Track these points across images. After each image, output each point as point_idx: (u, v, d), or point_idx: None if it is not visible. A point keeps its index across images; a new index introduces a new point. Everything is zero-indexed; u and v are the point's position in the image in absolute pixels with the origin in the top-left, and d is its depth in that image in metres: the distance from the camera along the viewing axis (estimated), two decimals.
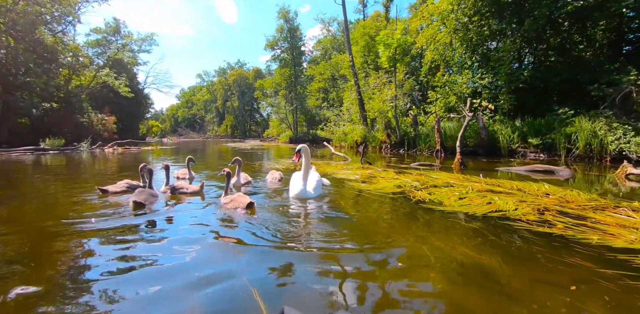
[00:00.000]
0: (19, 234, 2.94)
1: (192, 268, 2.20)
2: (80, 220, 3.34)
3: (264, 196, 4.85)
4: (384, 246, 2.61)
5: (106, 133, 34.85)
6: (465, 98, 16.35)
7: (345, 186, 5.38)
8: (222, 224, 3.29)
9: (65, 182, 6.15)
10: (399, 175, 6.06)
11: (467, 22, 16.20)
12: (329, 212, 3.74)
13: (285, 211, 3.88)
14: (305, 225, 3.25)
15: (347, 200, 4.35)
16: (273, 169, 6.41)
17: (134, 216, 3.55)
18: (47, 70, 24.05)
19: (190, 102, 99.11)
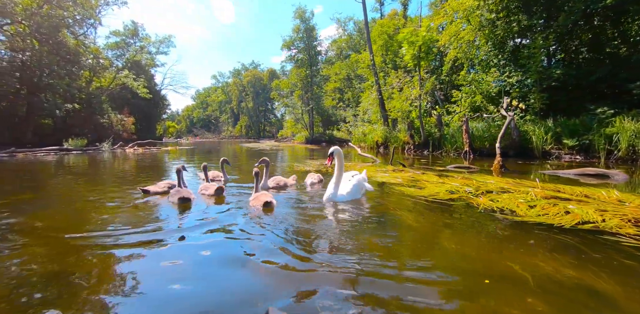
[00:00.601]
0: (48, 246, 2.69)
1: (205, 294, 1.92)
2: (114, 230, 3.10)
3: (298, 199, 4.63)
4: (460, 265, 2.26)
5: (125, 133, 35.37)
6: (492, 97, 15.79)
7: (392, 191, 5.02)
8: (240, 232, 3.03)
9: (97, 184, 6.00)
10: (443, 178, 5.67)
11: (494, 18, 15.58)
12: (374, 220, 3.42)
13: (318, 216, 3.62)
14: (346, 236, 2.92)
15: (399, 207, 3.98)
16: (312, 172, 6.11)
17: (155, 225, 3.30)
18: (70, 72, 24.48)
19: (205, 103, 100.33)
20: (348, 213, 3.76)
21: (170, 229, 3.13)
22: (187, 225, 3.29)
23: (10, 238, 2.85)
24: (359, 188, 4.75)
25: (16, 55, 21.51)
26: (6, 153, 14.09)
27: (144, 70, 43.96)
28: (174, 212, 3.88)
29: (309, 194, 5.02)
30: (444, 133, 14.69)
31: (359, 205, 4.21)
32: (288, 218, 3.49)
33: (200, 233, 2.99)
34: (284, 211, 3.88)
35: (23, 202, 4.37)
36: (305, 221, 3.41)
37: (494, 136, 13.24)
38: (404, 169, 7.30)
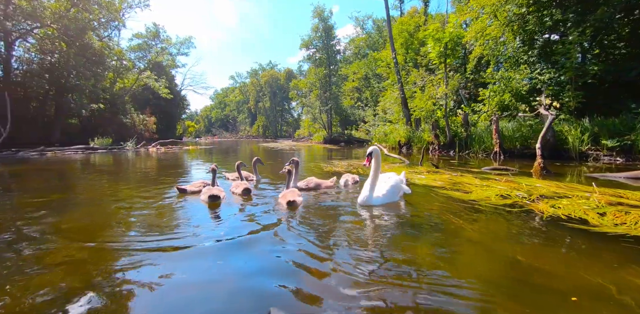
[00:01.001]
0: (86, 252, 2.55)
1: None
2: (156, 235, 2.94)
3: (332, 200, 4.45)
4: (537, 281, 1.97)
5: (147, 133, 36.12)
6: (522, 96, 15.11)
7: (435, 194, 4.71)
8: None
9: (127, 183, 5.96)
10: (485, 181, 5.32)
11: (524, 12, 14.90)
12: (423, 226, 3.14)
13: (355, 221, 3.39)
14: (392, 244, 2.67)
15: (447, 212, 3.68)
16: (347, 172, 5.87)
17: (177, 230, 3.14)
18: (95, 73, 25.12)
19: (223, 103, 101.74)
20: (388, 218, 3.53)
21: (197, 232, 2.99)
22: (214, 227, 3.18)
23: (46, 239, 2.74)
24: (397, 190, 4.49)
25: (45, 58, 22.22)
26: (36, 152, 14.52)
27: (165, 71, 44.82)
28: (201, 212, 3.85)
29: (344, 195, 4.79)
30: (471, 133, 14.16)
31: (399, 209, 3.96)
32: (320, 222, 3.31)
33: (226, 237, 2.86)
34: (316, 212, 3.71)
35: (59, 202, 4.32)
36: (342, 226, 3.20)
37: (526, 136, 12.67)
38: (439, 171, 6.96)
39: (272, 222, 3.31)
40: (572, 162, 10.51)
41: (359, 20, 41.90)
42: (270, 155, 15.88)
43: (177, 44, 44.03)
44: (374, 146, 4.26)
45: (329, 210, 3.86)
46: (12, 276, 2.08)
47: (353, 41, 45.24)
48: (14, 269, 2.18)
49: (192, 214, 3.72)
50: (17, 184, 6.15)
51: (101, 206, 4.04)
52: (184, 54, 45.70)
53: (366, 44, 40.55)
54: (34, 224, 3.18)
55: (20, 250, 2.53)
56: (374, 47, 39.84)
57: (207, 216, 3.68)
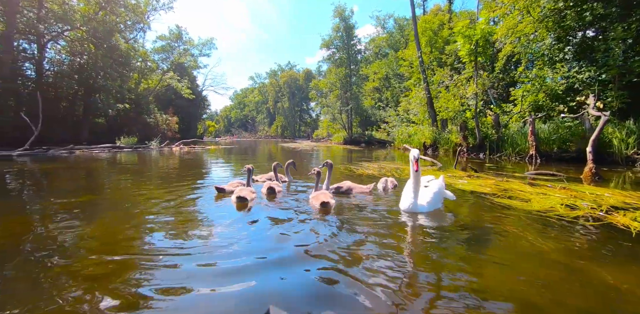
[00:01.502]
0: (111, 266, 2.32)
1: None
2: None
3: (370, 206, 4.13)
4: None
5: (169, 132, 36.80)
6: (558, 95, 14.28)
7: (485, 202, 4.29)
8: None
9: (155, 182, 5.83)
10: (538, 188, 4.86)
11: (561, 7, 14.08)
12: (484, 240, 2.77)
13: (403, 230, 3.03)
14: (449, 259, 2.32)
15: (507, 224, 3.28)
16: (385, 176, 5.53)
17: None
18: (122, 74, 25.70)
19: (242, 103, 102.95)
20: (437, 229, 3.18)
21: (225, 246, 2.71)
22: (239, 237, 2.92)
23: (71, 250, 2.55)
24: (441, 197, 4.17)
25: (75, 59, 22.88)
26: (65, 150, 14.88)
27: (187, 72, 45.61)
28: (228, 217, 3.65)
29: (385, 201, 4.46)
30: (503, 135, 13.49)
31: (447, 218, 3.62)
32: (359, 233, 3.01)
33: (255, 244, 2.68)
34: (354, 220, 3.43)
35: (86, 205, 4.19)
36: (385, 238, 2.87)
37: (564, 138, 11.93)
38: (480, 175, 6.51)
39: (304, 231, 3.05)
40: (618, 167, 9.75)
41: (380, 19, 41.28)
42: (294, 156, 15.68)
43: (199, 45, 44.73)
44: (416, 150, 3.94)
45: (368, 218, 3.57)
46: (31, 290, 1.88)
47: (373, 41, 44.60)
48: (35, 282, 1.98)
49: (220, 221, 3.46)
50: (47, 184, 6.14)
51: (128, 212, 3.83)
52: (205, 55, 46.39)
53: (387, 44, 39.85)
54: (60, 232, 2.99)
55: (45, 261, 2.34)
56: (395, 46, 39.08)
57: (233, 222, 3.42)
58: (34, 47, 21.68)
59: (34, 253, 2.45)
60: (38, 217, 3.55)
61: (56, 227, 3.10)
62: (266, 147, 25.93)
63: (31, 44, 21.82)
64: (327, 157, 15.20)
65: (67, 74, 22.19)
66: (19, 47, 21.02)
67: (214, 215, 3.69)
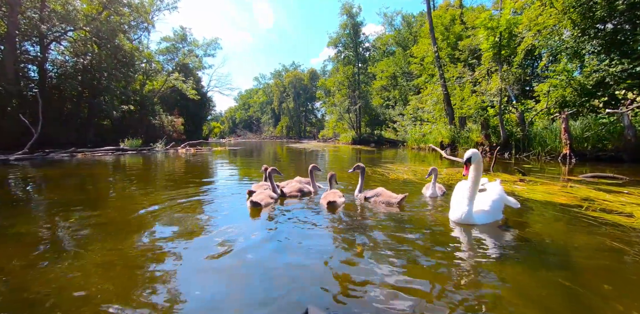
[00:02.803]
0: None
1: None
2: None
3: (416, 216, 3.40)
4: None
5: (175, 134, 36.35)
6: (588, 90, 13.39)
7: (565, 215, 3.52)
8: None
9: (163, 193, 5.12)
10: (622, 196, 4.07)
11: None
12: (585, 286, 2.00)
13: (449, 252, 2.29)
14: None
15: (611, 250, 2.52)
16: (428, 183, 4.78)
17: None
18: (126, 75, 25.20)
19: (247, 104, 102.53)
20: (507, 250, 2.45)
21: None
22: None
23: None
24: (502, 205, 3.45)
25: (78, 60, 22.40)
26: (67, 153, 14.28)
27: (192, 73, 45.15)
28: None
29: (432, 210, 3.77)
30: (529, 133, 12.65)
31: (517, 235, 2.87)
32: (393, 253, 2.38)
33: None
34: (392, 232, 2.87)
35: (80, 225, 3.49)
36: (430, 254, 2.19)
37: (599, 135, 11.06)
38: (530, 179, 5.72)
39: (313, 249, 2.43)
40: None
41: (387, 17, 40.35)
42: (307, 157, 14.97)
43: (203, 45, 44.24)
44: (473, 150, 3.24)
45: (412, 229, 2.95)
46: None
47: (380, 38, 43.74)
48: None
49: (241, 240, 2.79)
50: (38, 194, 5.41)
51: (127, 240, 3.10)
52: (210, 55, 45.93)
53: (395, 41, 38.96)
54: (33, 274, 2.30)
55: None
56: (403, 44, 38.21)
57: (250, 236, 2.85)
58: (37, 49, 21.22)
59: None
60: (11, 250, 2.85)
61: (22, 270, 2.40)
62: (271, 148, 25.21)
63: (34, 45, 21.35)
64: (340, 158, 14.45)
65: (71, 76, 21.70)
66: (22, 48, 20.54)
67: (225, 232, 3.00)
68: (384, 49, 43.75)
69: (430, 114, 20.90)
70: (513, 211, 3.63)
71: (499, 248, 2.56)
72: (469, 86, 19.03)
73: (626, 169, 8.06)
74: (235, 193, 5.02)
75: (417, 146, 19.65)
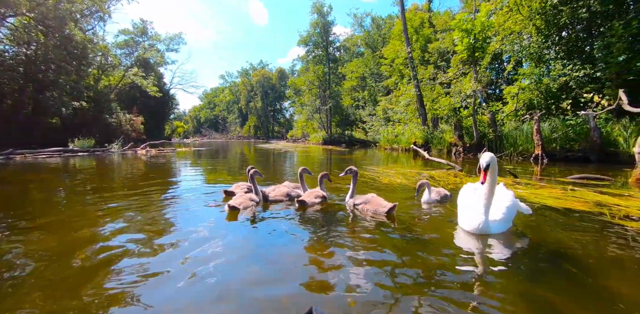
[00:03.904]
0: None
1: None
2: None
3: (416, 228, 2.97)
4: None
5: (134, 133, 34.02)
6: (553, 93, 13.91)
7: (587, 224, 3.21)
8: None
9: (120, 214, 4.27)
10: (626, 200, 3.87)
11: (556, 3, 13.71)
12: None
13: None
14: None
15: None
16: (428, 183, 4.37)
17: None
18: (78, 68, 22.97)
19: (212, 103, 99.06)
20: (537, 261, 2.09)
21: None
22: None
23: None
24: (515, 212, 3.18)
25: (20, 50, 20.02)
26: (2, 155, 12.39)
27: (154, 68, 42.63)
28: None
29: (437, 219, 3.38)
30: (502, 134, 12.88)
31: (535, 244, 2.53)
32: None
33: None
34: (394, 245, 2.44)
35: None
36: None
37: (567, 136, 11.43)
38: (524, 181, 5.51)
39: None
40: (626, 167, 9.28)
41: (357, 18, 40.42)
42: (275, 158, 14.27)
43: (166, 39, 41.78)
44: (490, 154, 2.90)
45: (408, 242, 2.61)
46: None
47: (350, 39, 43.85)
48: None
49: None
50: None
51: (69, 265, 2.35)
52: (173, 50, 43.50)
53: (365, 43, 39.15)
54: None
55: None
56: (373, 45, 38.49)
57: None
58: None
59: None
60: None
61: None
62: (239, 149, 24.11)
63: None
64: (312, 159, 13.94)
65: (11, 67, 19.33)
66: None
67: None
68: (354, 50, 43.91)
69: (402, 115, 20.98)
70: (528, 219, 3.29)
71: (532, 264, 2.15)
72: (438, 88, 19.32)
73: (593, 169, 8.25)
74: (200, 198, 4.62)
75: (390, 147, 19.59)
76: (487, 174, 2.85)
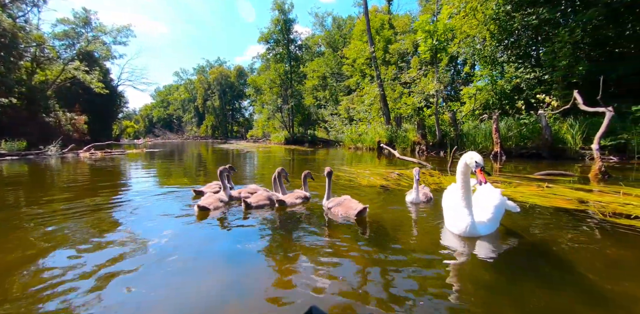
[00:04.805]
0: None
1: None
2: None
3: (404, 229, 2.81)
4: None
5: (76, 134, 31.08)
6: (507, 94, 14.67)
7: (585, 223, 3.14)
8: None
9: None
10: (602, 196, 3.92)
11: (509, 10, 14.48)
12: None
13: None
14: None
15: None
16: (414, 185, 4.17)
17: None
18: (6, 60, 20.28)
19: (166, 101, 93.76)
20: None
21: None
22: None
23: None
24: (503, 211, 3.09)
25: None
26: None
27: (98, 63, 39.07)
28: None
29: (422, 222, 3.24)
30: (462, 132, 13.33)
31: (531, 245, 2.38)
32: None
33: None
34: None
35: None
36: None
37: (521, 135, 12.07)
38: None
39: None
40: (573, 162, 9.96)
41: (318, 17, 40.31)
42: (235, 159, 13.58)
43: (112, 31, 38.50)
44: (473, 152, 2.85)
45: (395, 251, 2.41)
46: None
47: (311, 38, 43.66)
48: None
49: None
50: None
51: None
52: (121, 43, 40.16)
53: (326, 42, 39.16)
54: None
55: None
56: (334, 45, 38.63)
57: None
58: None
59: None
60: None
61: None
62: (196, 150, 22.82)
63: None
64: (274, 159, 13.45)
65: None
66: None
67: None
68: (315, 49, 43.79)
69: (366, 114, 21.14)
70: (524, 220, 3.16)
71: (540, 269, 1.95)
72: (399, 87, 19.71)
73: (547, 165, 8.70)
74: (156, 202, 4.26)
75: (355, 146, 19.60)
76: (482, 173, 2.66)
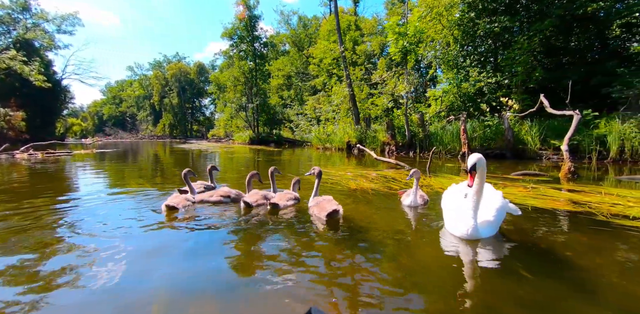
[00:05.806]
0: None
1: None
2: None
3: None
4: None
5: (12, 132, 27.91)
6: (470, 97, 15.26)
7: (572, 225, 3.08)
8: None
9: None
10: (591, 196, 3.95)
11: (473, 17, 15.08)
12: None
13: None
14: None
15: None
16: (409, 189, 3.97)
17: None
18: None
19: (118, 98, 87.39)
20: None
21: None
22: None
23: None
24: (505, 213, 3.02)
25: None
26: None
27: (39, 53, 35.38)
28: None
29: (420, 225, 3.13)
30: (430, 133, 13.62)
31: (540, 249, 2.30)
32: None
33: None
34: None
35: None
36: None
37: (487, 135, 12.55)
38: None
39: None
40: (531, 162, 10.52)
41: (284, 15, 39.75)
42: (195, 160, 12.78)
43: (56, 18, 35.02)
44: (478, 154, 2.71)
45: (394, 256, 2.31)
46: None
47: (277, 36, 42.95)
48: None
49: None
50: None
51: None
52: (66, 33, 36.66)
53: (292, 41, 38.71)
54: None
55: None
56: (299, 44, 38.30)
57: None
58: None
59: None
60: None
61: None
62: (152, 150, 21.32)
63: None
64: (238, 160, 12.87)
65: None
66: None
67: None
68: (280, 48, 43.16)
69: (334, 114, 21.05)
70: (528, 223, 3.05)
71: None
72: (367, 88, 19.87)
73: (511, 165, 9.07)
74: (106, 210, 3.82)
75: (323, 146, 19.39)
76: (474, 177, 2.67)
